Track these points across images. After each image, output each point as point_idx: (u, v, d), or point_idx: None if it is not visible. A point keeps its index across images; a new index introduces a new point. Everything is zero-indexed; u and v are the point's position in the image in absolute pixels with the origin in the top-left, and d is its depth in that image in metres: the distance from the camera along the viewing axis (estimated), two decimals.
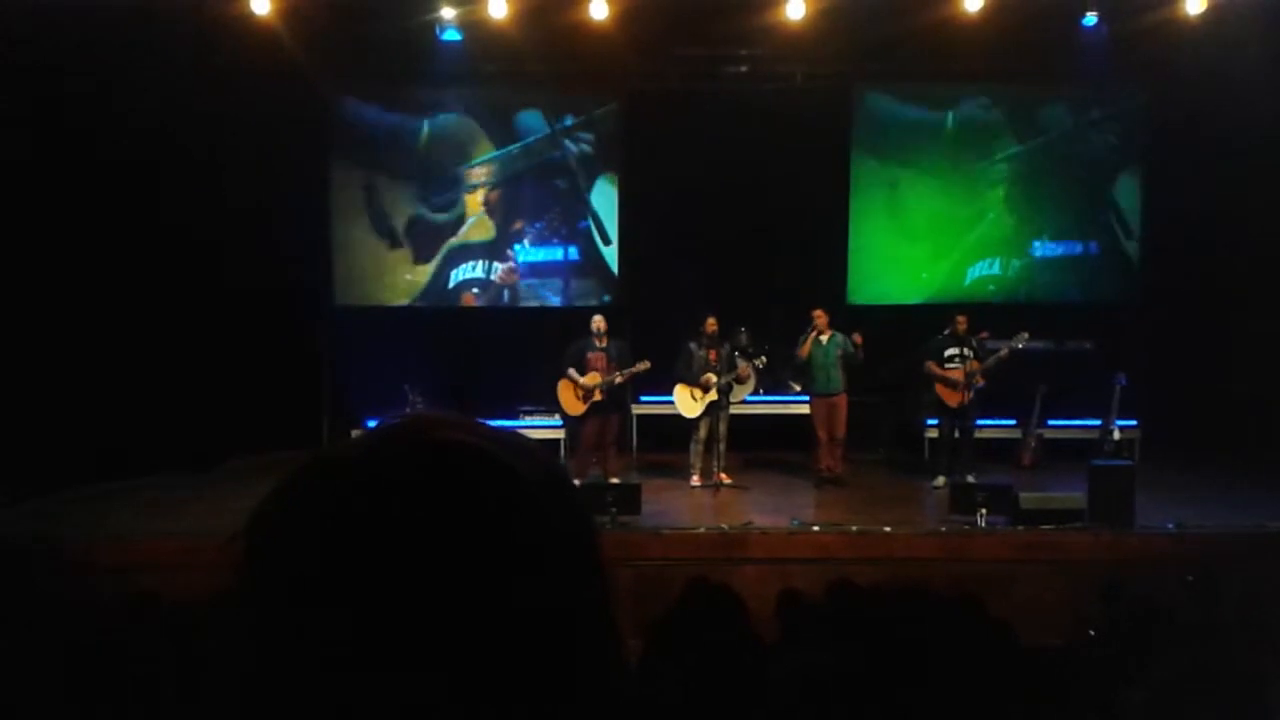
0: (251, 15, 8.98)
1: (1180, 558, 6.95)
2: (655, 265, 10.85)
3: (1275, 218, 9.54)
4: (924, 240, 11.50)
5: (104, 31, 8.35)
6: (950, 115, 11.40)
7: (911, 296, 11.42)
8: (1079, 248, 11.41)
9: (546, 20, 9.49)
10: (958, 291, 11.27)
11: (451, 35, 10.00)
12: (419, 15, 9.70)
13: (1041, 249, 11.39)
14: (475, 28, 9.78)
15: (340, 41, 9.79)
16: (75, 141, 8.60)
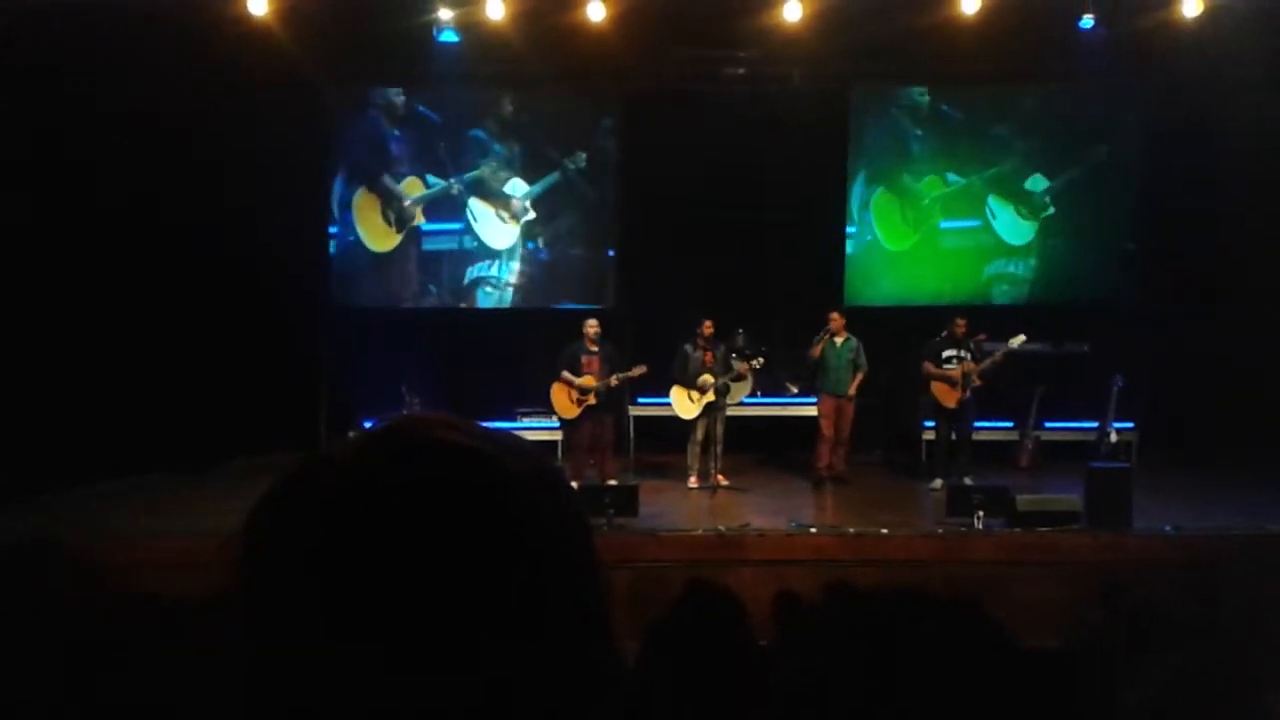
0: (248, 16, 8.98)
1: (1177, 559, 6.95)
2: (652, 267, 10.88)
3: (1273, 218, 9.54)
4: (921, 242, 11.51)
5: (103, 31, 8.33)
6: (946, 117, 11.44)
7: (909, 298, 11.42)
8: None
9: (544, 22, 9.50)
10: (955, 294, 11.26)
11: (449, 36, 10.01)
12: (416, 16, 9.71)
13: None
14: (473, 29, 9.79)
15: (339, 42, 9.80)
16: (75, 141, 8.58)
